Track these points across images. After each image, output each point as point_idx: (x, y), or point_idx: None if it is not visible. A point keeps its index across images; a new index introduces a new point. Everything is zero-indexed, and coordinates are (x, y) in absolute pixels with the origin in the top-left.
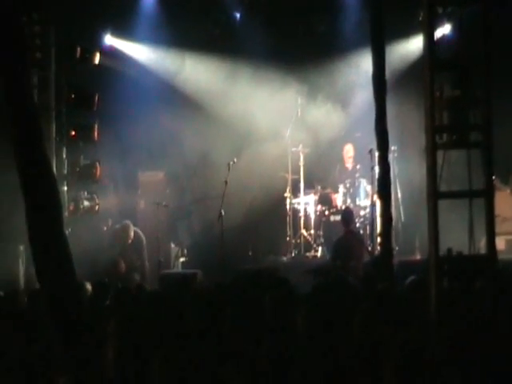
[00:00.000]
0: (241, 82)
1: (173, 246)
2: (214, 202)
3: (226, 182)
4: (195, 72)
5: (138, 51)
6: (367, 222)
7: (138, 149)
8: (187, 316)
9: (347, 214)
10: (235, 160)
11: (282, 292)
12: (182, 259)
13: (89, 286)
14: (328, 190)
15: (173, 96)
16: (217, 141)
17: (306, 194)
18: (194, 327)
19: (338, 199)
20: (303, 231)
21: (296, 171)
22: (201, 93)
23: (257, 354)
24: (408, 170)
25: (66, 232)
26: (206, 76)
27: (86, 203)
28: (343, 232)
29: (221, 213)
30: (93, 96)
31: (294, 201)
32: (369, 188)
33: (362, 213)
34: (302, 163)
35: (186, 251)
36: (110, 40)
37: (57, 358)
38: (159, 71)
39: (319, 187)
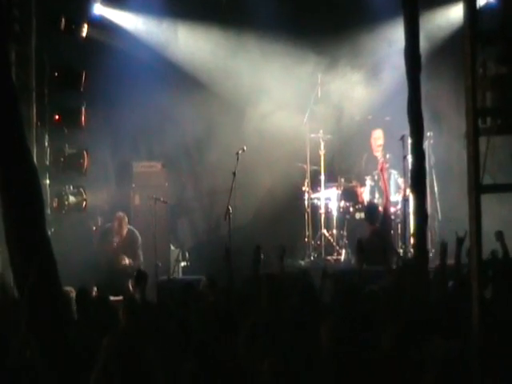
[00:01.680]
0: (248, 55)
1: (172, 248)
2: (220, 196)
3: (233, 174)
4: (195, 45)
5: (131, 22)
6: (399, 220)
7: (132, 135)
8: (195, 331)
9: (371, 210)
10: (245, 148)
11: (307, 301)
12: (183, 263)
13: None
14: (353, 184)
15: (171, 74)
16: (223, 126)
17: (327, 187)
18: (201, 343)
19: (365, 194)
20: (324, 231)
21: (315, 161)
22: (202, 70)
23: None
24: (446, 159)
25: (49, 232)
26: (207, 50)
27: (72, 199)
28: (369, 232)
29: (228, 209)
30: (79, 75)
31: (313, 196)
32: (401, 181)
33: (392, 210)
34: (322, 152)
35: (187, 254)
36: (99, 9)
37: (38, 377)
38: (155, 45)
39: (343, 180)
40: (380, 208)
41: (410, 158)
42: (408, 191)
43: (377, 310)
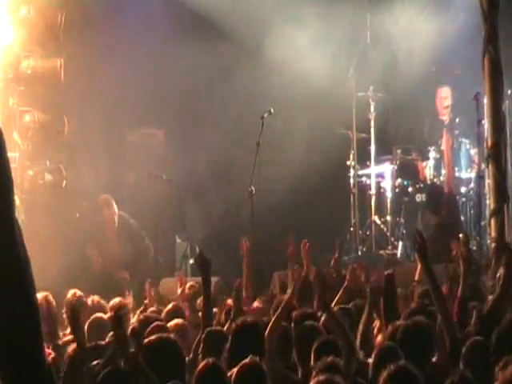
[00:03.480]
0: None
1: (179, 240)
2: (240, 174)
3: (257, 144)
4: None
5: None
6: (472, 203)
7: (127, 95)
8: None
9: (434, 194)
10: (272, 111)
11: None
12: (192, 261)
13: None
14: (412, 156)
15: (183, 17)
16: (244, 82)
17: (378, 162)
18: None
19: (428, 169)
20: (375, 218)
21: (364, 127)
22: (221, 13)
23: None
24: None
25: (19, 221)
26: None
27: (49, 177)
28: (433, 224)
29: (251, 190)
30: (55, 16)
31: (360, 172)
32: (473, 152)
33: (462, 189)
34: (372, 115)
35: (197, 248)
36: None
37: None
38: None
39: (399, 152)
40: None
41: (486, 123)
42: (483, 166)
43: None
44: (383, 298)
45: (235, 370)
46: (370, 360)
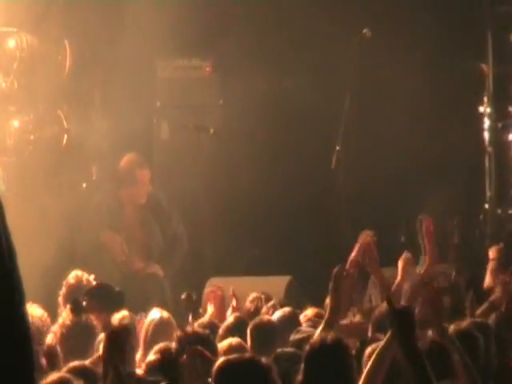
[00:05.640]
0: None
1: None
2: (321, 125)
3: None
4: None
5: None
6: None
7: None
8: None
9: None
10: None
11: None
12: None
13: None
14: None
15: None
16: None
17: None
18: None
19: None
20: None
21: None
22: None
23: None
24: None
25: None
26: None
27: (43, 130)
28: None
29: (338, 152)
30: None
31: (500, 124)
32: None
33: None
34: None
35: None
36: None
37: None
38: None
39: None
40: None
41: None
42: None
43: None
44: None
45: None
46: None
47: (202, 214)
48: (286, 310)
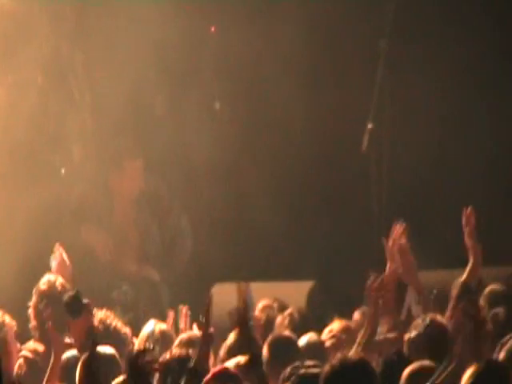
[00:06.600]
0: None
1: None
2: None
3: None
4: None
5: None
6: None
7: None
8: None
9: None
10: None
11: None
12: None
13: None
14: None
15: None
16: None
17: None
18: None
19: None
20: None
21: None
22: None
23: None
24: None
25: None
26: None
27: (17, 100)
28: None
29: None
30: None
31: None
32: None
33: None
34: None
35: None
36: None
37: None
38: None
39: None
40: None
41: None
42: None
43: None
44: None
45: None
46: None
47: (209, 209)
48: (312, 338)
